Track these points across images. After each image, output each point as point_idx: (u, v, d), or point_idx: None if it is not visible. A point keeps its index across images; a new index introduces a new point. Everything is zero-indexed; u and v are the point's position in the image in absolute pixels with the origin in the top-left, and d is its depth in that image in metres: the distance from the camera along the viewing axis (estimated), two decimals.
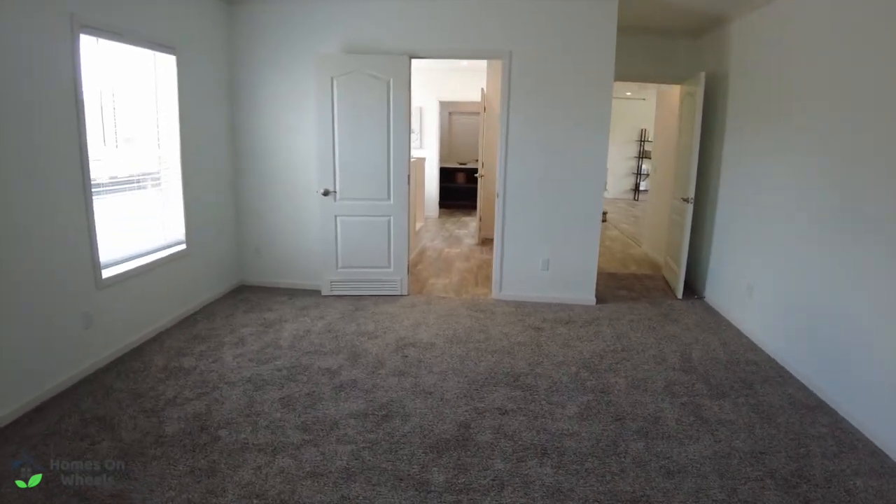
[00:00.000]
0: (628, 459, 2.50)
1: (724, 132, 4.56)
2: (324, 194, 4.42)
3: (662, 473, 2.41)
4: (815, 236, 3.35)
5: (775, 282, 3.76)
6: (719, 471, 2.44)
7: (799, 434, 2.77)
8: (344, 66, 4.23)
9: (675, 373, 3.41)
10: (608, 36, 4.18)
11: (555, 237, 4.56)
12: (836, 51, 3.19)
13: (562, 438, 2.65)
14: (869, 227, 2.89)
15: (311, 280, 4.76)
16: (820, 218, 3.32)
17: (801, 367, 3.38)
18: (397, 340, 3.76)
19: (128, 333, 3.47)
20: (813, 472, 2.46)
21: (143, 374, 3.16)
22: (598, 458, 2.51)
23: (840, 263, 3.11)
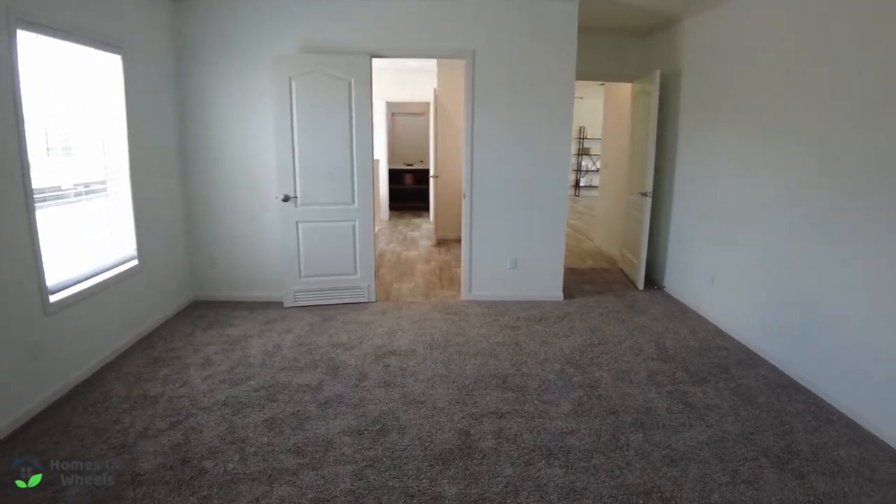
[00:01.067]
0: (631, 452, 2.53)
1: (678, 128, 4.77)
2: (284, 200, 4.20)
3: (666, 462, 2.46)
4: (776, 225, 3.56)
5: (739, 271, 3.96)
6: (718, 455, 2.52)
7: (779, 412, 2.92)
8: (302, 66, 4.03)
9: (654, 363, 3.51)
10: (570, 36, 4.24)
11: (522, 235, 4.58)
12: (789, 48, 3.41)
13: (563, 437, 2.64)
14: (826, 210, 3.12)
15: (273, 292, 4.51)
16: (778, 207, 3.54)
17: (770, 349, 3.58)
18: (375, 350, 3.62)
19: (82, 361, 3.13)
20: (800, 447, 2.60)
21: (104, 406, 2.84)
22: (602, 453, 2.52)
23: (802, 250, 3.32)
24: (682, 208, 4.78)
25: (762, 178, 3.70)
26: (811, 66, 3.23)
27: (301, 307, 4.41)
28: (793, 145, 3.40)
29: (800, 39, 3.34)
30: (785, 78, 3.46)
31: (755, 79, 3.75)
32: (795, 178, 3.38)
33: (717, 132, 4.18)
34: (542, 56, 4.27)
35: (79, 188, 3.28)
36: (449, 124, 7.04)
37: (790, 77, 3.42)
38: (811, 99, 3.24)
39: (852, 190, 2.94)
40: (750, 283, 3.83)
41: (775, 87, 3.56)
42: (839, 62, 3.02)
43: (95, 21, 3.19)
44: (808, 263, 3.28)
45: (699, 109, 4.45)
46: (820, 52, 3.17)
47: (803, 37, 3.31)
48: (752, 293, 3.81)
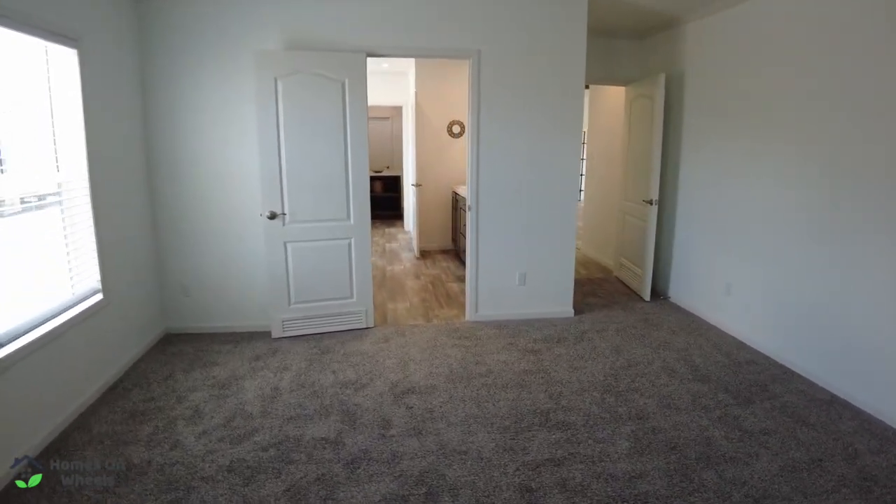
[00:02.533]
0: (710, 493, 2.27)
1: (682, 134, 4.63)
2: (270, 218, 3.71)
3: (750, 502, 2.22)
4: (795, 230, 3.49)
5: (757, 279, 3.83)
6: (798, 488, 2.31)
7: (836, 433, 2.77)
8: (290, 65, 3.56)
9: (691, 384, 3.30)
10: (579, 36, 4.00)
11: (531, 249, 4.29)
12: (805, 49, 3.32)
13: (634, 483, 2.35)
14: (851, 218, 3.07)
15: (257, 320, 4.00)
16: (797, 212, 3.47)
17: (800, 361, 3.46)
18: (390, 388, 3.21)
19: (41, 425, 2.55)
20: (873, 471, 2.46)
21: (75, 485, 2.29)
22: (681, 498, 2.24)
23: (827, 256, 3.26)
24: (687, 216, 4.65)
25: (779, 183, 3.60)
26: (821, 69, 3.19)
27: (291, 337, 3.92)
28: (809, 149, 3.34)
29: (811, 43, 3.28)
30: (797, 82, 3.39)
31: (766, 83, 3.66)
32: (814, 182, 3.32)
33: (729, 137, 4.05)
34: (550, 57, 4.00)
35: (28, 204, 2.70)
36: (429, 129, 6.68)
37: (802, 81, 3.37)
38: (823, 102, 3.21)
39: (871, 192, 2.91)
40: (771, 291, 3.72)
41: (787, 92, 3.49)
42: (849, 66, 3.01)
43: (44, 7, 2.62)
44: (833, 270, 3.21)
45: (706, 114, 4.32)
46: (830, 56, 3.12)
47: (814, 40, 3.25)
48: (773, 302, 3.69)
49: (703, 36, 4.33)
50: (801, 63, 3.37)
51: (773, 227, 3.67)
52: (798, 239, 3.45)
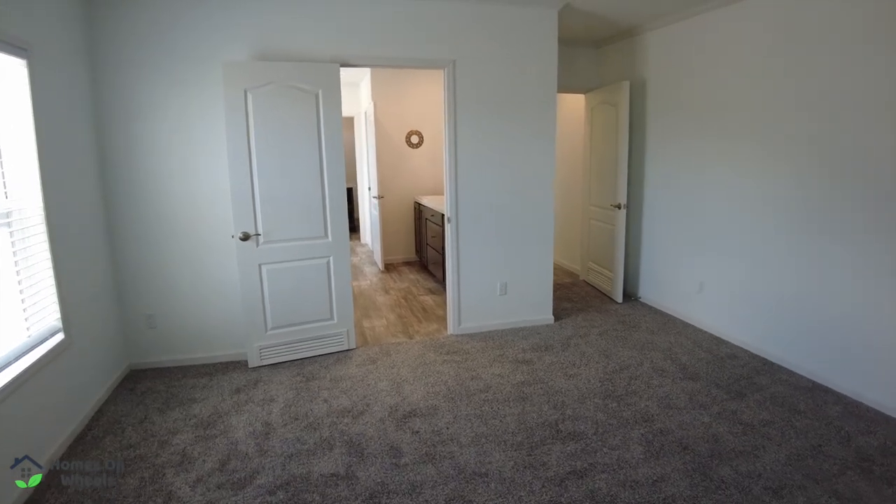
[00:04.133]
0: (732, 489, 2.34)
1: (646, 138, 4.80)
2: (243, 239, 3.48)
3: (770, 494, 2.30)
4: (763, 227, 3.73)
5: (727, 276, 4.03)
6: (808, 475, 2.44)
7: (826, 418, 2.95)
8: (261, 77, 3.37)
9: (684, 382, 3.40)
10: (550, 45, 4.06)
11: (511, 258, 4.28)
12: (764, 56, 3.54)
13: (658, 486, 2.37)
14: (821, 210, 3.32)
15: (232, 349, 3.75)
16: (764, 209, 3.70)
17: (778, 352, 3.66)
18: (390, 412, 3.08)
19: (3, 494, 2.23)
20: (868, 451, 2.63)
21: None
22: (707, 497, 2.28)
23: (793, 249, 3.51)
24: (654, 218, 4.82)
25: (745, 183, 3.83)
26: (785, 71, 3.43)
27: (271, 365, 3.69)
28: (773, 149, 3.59)
29: (773, 48, 3.52)
30: (758, 83, 3.63)
31: (727, 86, 3.88)
32: (779, 180, 3.56)
33: (694, 141, 4.25)
34: (523, 66, 4.03)
35: None
36: (388, 140, 6.56)
37: (762, 82, 3.61)
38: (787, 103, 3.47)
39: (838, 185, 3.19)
40: (741, 286, 3.93)
41: (748, 94, 3.72)
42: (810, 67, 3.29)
43: None
44: (800, 262, 3.47)
45: (670, 119, 4.51)
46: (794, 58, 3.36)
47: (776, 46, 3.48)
48: (747, 297, 3.90)
49: (663, 44, 4.52)
50: (760, 66, 3.60)
51: (741, 225, 3.88)
52: (768, 234, 3.67)
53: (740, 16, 3.72)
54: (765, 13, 3.54)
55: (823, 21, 3.17)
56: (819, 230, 3.32)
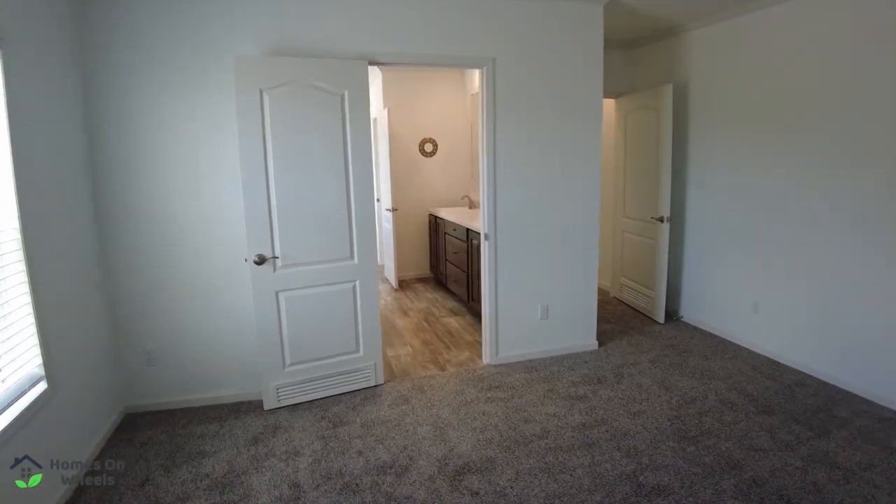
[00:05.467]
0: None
1: (688, 146, 4.45)
2: (258, 263, 3.02)
3: None
4: (824, 240, 3.41)
5: (786, 294, 3.69)
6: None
7: None
8: (279, 75, 2.93)
9: (758, 417, 3.02)
10: (596, 42, 3.68)
11: (553, 278, 3.87)
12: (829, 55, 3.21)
13: None
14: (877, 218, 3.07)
15: (243, 388, 3.28)
16: (826, 222, 3.39)
17: (849, 379, 3.33)
18: (440, 467, 2.63)
19: None
20: None
21: None
22: None
23: (859, 264, 3.20)
24: (699, 232, 4.45)
25: (808, 194, 3.49)
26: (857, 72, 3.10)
27: (289, 407, 3.23)
28: (842, 157, 3.26)
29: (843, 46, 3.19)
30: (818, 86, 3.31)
31: (783, 88, 3.56)
32: (849, 191, 3.23)
33: (746, 148, 3.89)
34: (567, 65, 3.64)
35: None
36: (401, 149, 6.14)
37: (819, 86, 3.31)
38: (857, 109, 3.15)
39: None
40: (804, 306, 3.58)
41: (816, 100, 3.37)
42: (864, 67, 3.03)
43: None
44: (874, 280, 3.13)
45: (717, 124, 4.15)
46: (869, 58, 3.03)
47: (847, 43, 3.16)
48: (808, 318, 3.56)
49: (709, 44, 4.16)
50: (828, 67, 3.26)
51: (804, 239, 3.52)
52: (835, 249, 3.32)
53: (803, 12, 3.38)
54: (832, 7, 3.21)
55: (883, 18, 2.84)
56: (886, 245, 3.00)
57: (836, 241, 3.33)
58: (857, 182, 3.17)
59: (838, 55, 3.21)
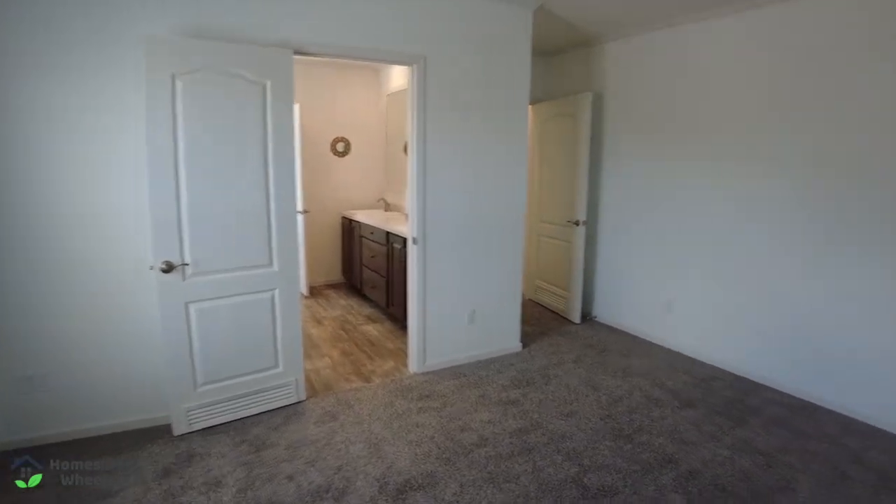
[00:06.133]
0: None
1: (602, 152, 4.67)
2: (165, 271, 2.68)
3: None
4: (733, 242, 3.74)
5: (698, 294, 4.00)
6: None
7: (830, 437, 2.98)
8: (194, 59, 2.61)
9: (684, 412, 3.23)
10: (524, 49, 3.75)
11: (479, 282, 3.86)
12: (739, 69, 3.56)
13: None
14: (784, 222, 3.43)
15: (148, 412, 2.91)
16: (734, 225, 3.74)
17: (758, 370, 3.67)
18: (380, 487, 2.48)
19: None
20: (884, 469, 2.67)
21: None
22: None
23: (774, 266, 3.52)
24: (613, 235, 4.69)
25: (718, 197, 3.81)
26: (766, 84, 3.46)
27: (203, 431, 2.90)
28: (748, 164, 3.61)
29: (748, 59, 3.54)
30: (738, 98, 3.62)
31: (703, 100, 3.85)
32: (756, 194, 3.57)
33: (659, 155, 4.18)
34: (497, 68, 3.65)
35: None
36: (312, 148, 5.81)
37: (739, 97, 3.62)
38: (759, 117, 3.52)
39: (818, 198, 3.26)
40: (714, 305, 3.90)
41: (727, 109, 3.70)
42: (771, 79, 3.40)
43: None
44: (775, 277, 3.50)
45: (633, 132, 4.41)
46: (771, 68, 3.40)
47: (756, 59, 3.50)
48: (718, 315, 3.88)
49: (625, 55, 4.42)
50: (738, 79, 3.59)
51: (715, 241, 3.85)
52: (746, 250, 3.65)
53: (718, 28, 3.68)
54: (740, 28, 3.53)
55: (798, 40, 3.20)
56: (795, 245, 3.36)
57: (746, 243, 3.65)
58: (764, 187, 3.50)
59: (750, 67, 3.53)
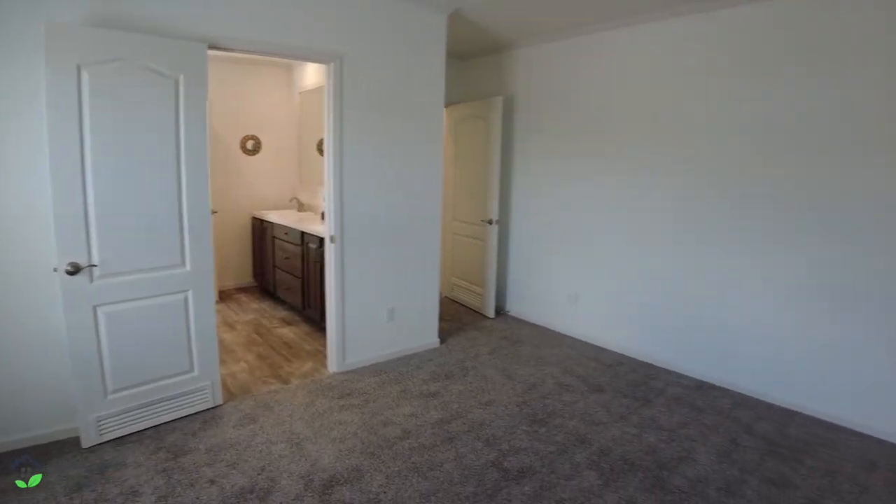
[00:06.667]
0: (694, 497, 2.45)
1: (513, 154, 4.96)
2: (70, 273, 2.54)
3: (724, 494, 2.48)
4: (640, 241, 4.12)
5: (604, 287, 4.40)
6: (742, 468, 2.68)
7: (723, 411, 3.38)
8: (104, 49, 2.50)
9: (594, 395, 3.55)
10: (439, 51, 3.92)
11: (397, 280, 3.98)
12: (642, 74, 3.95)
13: None
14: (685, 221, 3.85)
15: (52, 425, 2.74)
16: (635, 224, 4.12)
17: (657, 355, 4.08)
18: (305, 484, 2.52)
19: None
20: (770, 436, 3.07)
21: None
22: None
23: (668, 259, 3.96)
24: (523, 233, 5.00)
25: (616, 196, 4.21)
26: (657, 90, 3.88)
27: (115, 441, 2.77)
28: (642, 166, 4.02)
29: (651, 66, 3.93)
30: (637, 103, 4.02)
31: (606, 105, 4.23)
32: (650, 193, 3.99)
33: (564, 156, 4.53)
34: (413, 69, 3.79)
35: None
36: (221, 146, 5.60)
37: (637, 102, 4.01)
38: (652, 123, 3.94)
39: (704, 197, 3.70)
40: (616, 296, 4.31)
41: (628, 113, 4.09)
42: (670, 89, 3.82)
43: None
44: (672, 271, 3.92)
45: (540, 135, 4.73)
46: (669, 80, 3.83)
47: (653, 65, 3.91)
48: (619, 306, 4.29)
49: (535, 61, 4.73)
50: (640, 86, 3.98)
51: (617, 237, 4.24)
52: (646, 246, 4.05)
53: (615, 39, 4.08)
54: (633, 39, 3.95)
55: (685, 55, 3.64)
56: (687, 241, 3.79)
57: (644, 239, 4.05)
58: (658, 187, 3.91)
59: (643, 75, 3.92)
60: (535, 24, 4.26)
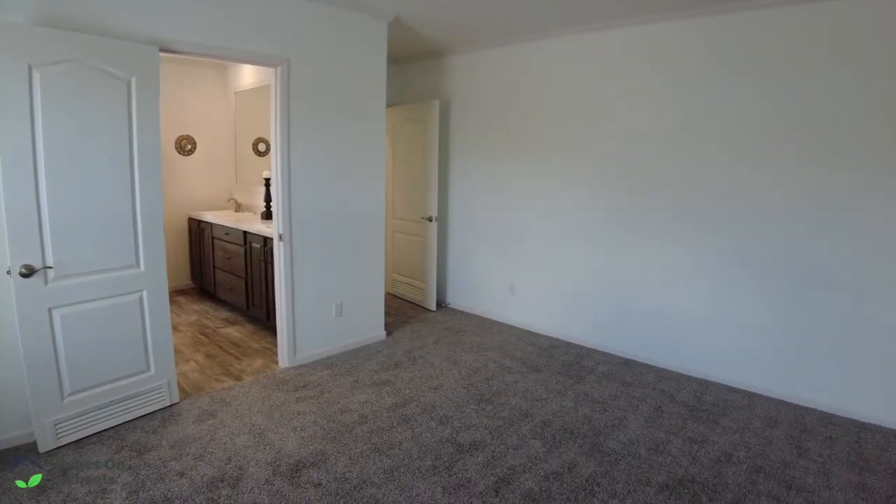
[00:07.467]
0: (627, 457, 2.82)
1: (449, 155, 5.25)
2: (24, 275, 2.53)
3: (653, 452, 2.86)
4: (572, 236, 4.53)
5: (536, 278, 4.78)
6: (667, 430, 3.11)
7: (649, 384, 3.81)
8: (56, 50, 2.51)
9: (532, 375, 3.91)
10: (380, 56, 4.14)
11: (345, 276, 4.16)
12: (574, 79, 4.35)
13: (574, 471, 2.70)
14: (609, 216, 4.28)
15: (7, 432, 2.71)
16: (565, 218, 4.54)
17: (586, 337, 4.52)
18: (273, 469, 2.67)
19: None
20: (690, 403, 3.50)
21: None
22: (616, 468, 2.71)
23: (594, 251, 4.39)
24: (460, 229, 5.31)
25: (546, 193, 4.61)
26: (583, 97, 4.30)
27: (74, 444, 2.78)
28: (573, 165, 4.44)
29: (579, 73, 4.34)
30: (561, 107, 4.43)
31: (534, 109, 4.61)
32: (578, 191, 4.42)
33: (498, 157, 4.88)
34: (356, 72, 3.98)
35: None
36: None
37: (565, 106, 4.42)
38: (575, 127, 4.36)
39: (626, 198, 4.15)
40: (547, 286, 4.72)
41: (551, 117, 4.50)
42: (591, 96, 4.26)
43: None
44: (602, 262, 4.36)
45: (475, 137, 5.06)
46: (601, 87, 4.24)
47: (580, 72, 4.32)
48: (551, 295, 4.71)
49: (469, 67, 5.05)
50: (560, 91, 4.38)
51: (551, 232, 4.63)
52: (578, 240, 4.46)
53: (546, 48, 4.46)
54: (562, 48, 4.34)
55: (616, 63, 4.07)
56: (609, 233, 4.24)
57: (571, 232, 4.46)
58: (590, 185, 4.30)
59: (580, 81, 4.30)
60: (471, 32, 4.57)
